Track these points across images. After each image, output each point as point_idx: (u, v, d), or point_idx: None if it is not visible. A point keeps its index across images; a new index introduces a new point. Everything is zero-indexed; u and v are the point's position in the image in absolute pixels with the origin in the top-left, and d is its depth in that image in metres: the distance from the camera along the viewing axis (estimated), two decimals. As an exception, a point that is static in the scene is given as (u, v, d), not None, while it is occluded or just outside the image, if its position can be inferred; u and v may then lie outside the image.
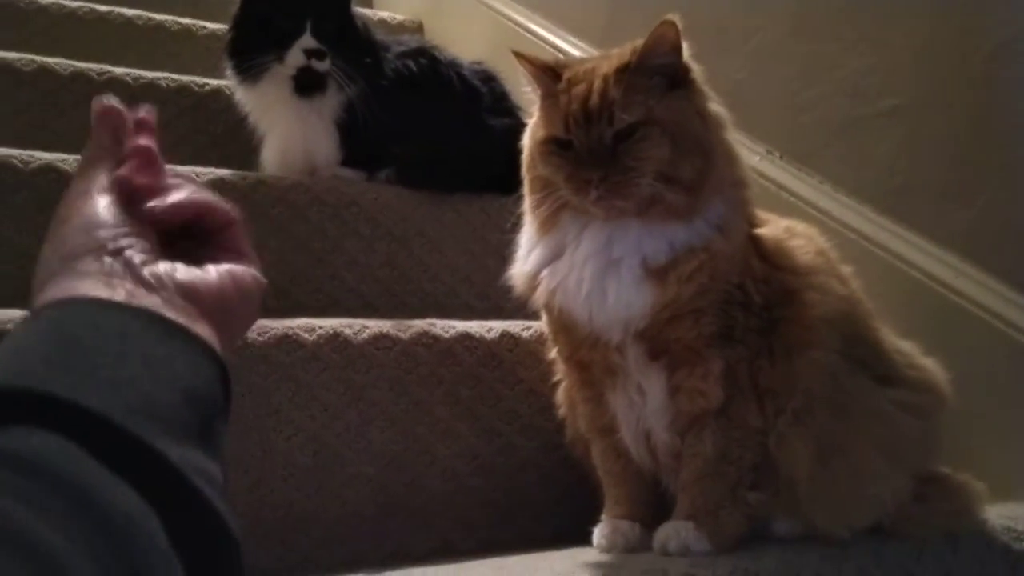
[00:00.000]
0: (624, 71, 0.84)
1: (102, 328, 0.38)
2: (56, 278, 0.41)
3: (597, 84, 0.84)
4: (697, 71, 0.87)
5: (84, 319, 0.38)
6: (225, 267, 0.46)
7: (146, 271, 0.42)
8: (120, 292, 0.40)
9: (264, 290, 0.48)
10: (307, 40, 1.41)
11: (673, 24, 0.84)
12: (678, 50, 0.85)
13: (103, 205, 0.44)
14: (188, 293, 0.43)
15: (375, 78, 1.46)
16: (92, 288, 0.40)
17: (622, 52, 0.87)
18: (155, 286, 0.42)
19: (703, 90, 0.88)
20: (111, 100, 0.49)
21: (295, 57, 1.41)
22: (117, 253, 0.42)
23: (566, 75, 0.87)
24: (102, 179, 0.46)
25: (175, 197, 0.47)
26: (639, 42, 0.85)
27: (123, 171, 0.46)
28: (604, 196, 0.82)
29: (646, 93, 0.84)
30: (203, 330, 0.41)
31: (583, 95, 0.84)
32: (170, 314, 0.40)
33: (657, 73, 0.85)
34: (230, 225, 0.49)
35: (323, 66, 1.42)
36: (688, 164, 0.84)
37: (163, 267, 0.43)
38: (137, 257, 0.42)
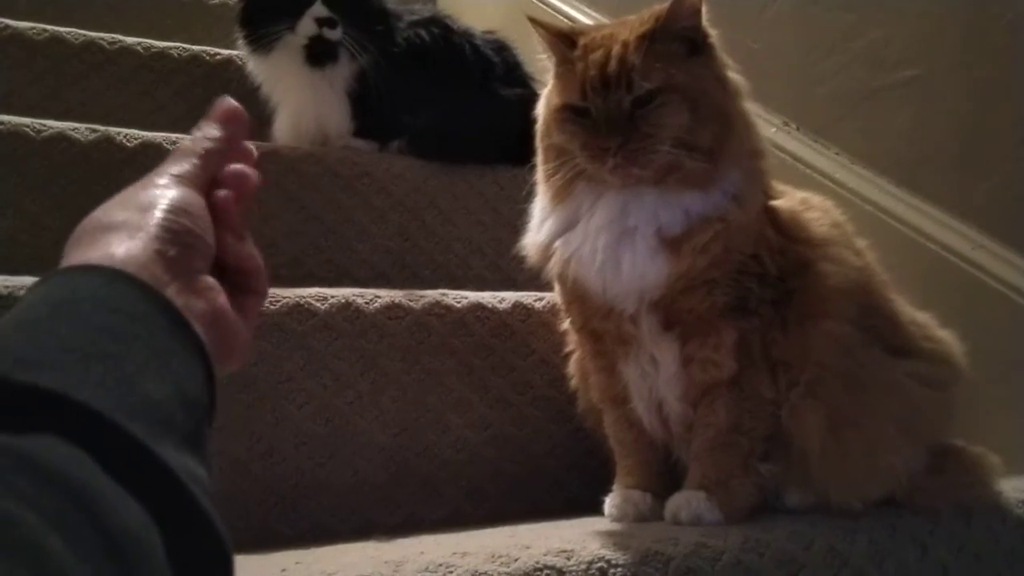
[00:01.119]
0: (646, 37, 0.83)
1: (113, 306, 0.37)
2: (100, 236, 0.41)
3: (616, 50, 0.83)
4: (715, 37, 0.86)
5: (97, 293, 0.38)
6: (248, 337, 0.48)
7: (196, 276, 0.43)
8: (151, 274, 0.40)
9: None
10: (318, 8, 1.40)
11: None
12: (699, 14, 0.84)
13: (188, 195, 0.45)
14: (216, 314, 0.43)
15: (387, 47, 1.45)
16: (129, 254, 0.40)
17: (642, 18, 0.85)
18: (195, 288, 0.43)
19: (721, 57, 0.87)
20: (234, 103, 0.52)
21: (306, 26, 1.41)
22: (174, 236, 0.43)
23: (582, 41, 0.86)
24: (196, 171, 0.47)
25: (249, 249, 0.49)
26: (660, 7, 0.84)
27: (225, 194, 0.48)
28: (621, 164, 0.81)
29: (666, 59, 0.83)
30: (199, 329, 0.41)
31: (601, 61, 0.83)
32: (182, 307, 0.41)
33: (677, 39, 0.84)
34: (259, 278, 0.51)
35: (334, 35, 1.41)
36: (707, 131, 0.83)
37: (210, 280, 0.44)
38: (193, 255, 0.43)
